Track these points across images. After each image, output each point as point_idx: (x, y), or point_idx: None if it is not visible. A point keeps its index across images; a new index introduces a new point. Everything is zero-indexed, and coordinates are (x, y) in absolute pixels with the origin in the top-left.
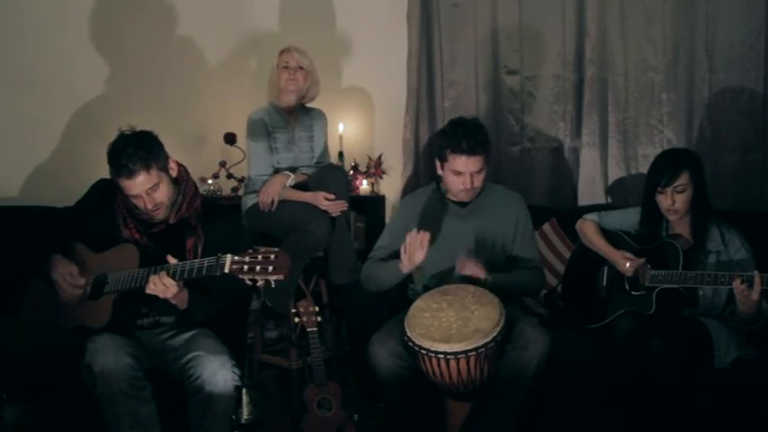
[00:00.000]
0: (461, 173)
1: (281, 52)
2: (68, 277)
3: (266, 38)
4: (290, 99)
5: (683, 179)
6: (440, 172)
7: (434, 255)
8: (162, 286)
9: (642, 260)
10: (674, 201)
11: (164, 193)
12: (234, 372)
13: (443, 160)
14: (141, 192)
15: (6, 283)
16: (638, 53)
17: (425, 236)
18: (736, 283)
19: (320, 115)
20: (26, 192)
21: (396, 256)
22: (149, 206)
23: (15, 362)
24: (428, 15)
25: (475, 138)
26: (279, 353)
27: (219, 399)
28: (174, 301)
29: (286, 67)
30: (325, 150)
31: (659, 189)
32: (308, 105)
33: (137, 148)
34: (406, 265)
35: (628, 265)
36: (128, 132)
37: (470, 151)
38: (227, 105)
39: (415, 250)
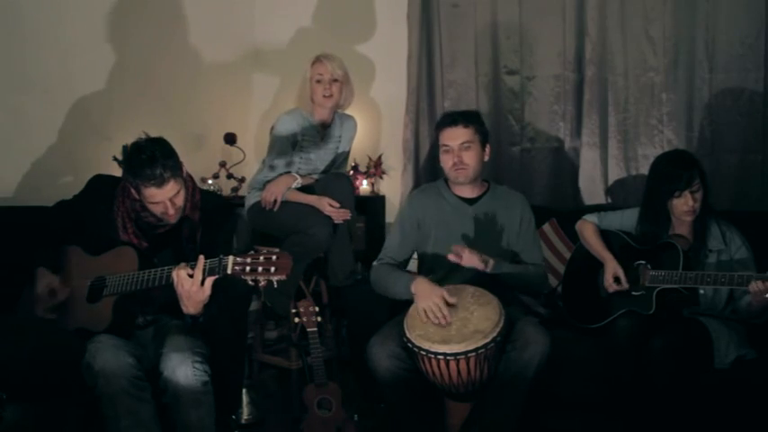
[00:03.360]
0: (449, 147)
1: (313, 63)
2: (47, 296)
3: (266, 38)
4: (324, 113)
5: (697, 180)
6: (441, 163)
7: (439, 252)
8: (189, 282)
9: (626, 286)
10: (694, 200)
11: (182, 198)
12: (195, 368)
13: (437, 143)
14: (165, 199)
15: (4, 284)
16: (638, 53)
17: (443, 318)
18: (756, 284)
19: (351, 124)
20: (25, 192)
21: (407, 255)
22: (171, 212)
23: (16, 362)
24: (428, 15)
25: (460, 113)
26: (279, 353)
27: (185, 395)
28: (190, 303)
29: (320, 81)
30: (346, 159)
31: (676, 194)
32: (341, 112)
33: (166, 158)
34: (421, 304)
35: (610, 286)
36: (146, 139)
37: (453, 122)
38: (227, 105)
39: (431, 314)
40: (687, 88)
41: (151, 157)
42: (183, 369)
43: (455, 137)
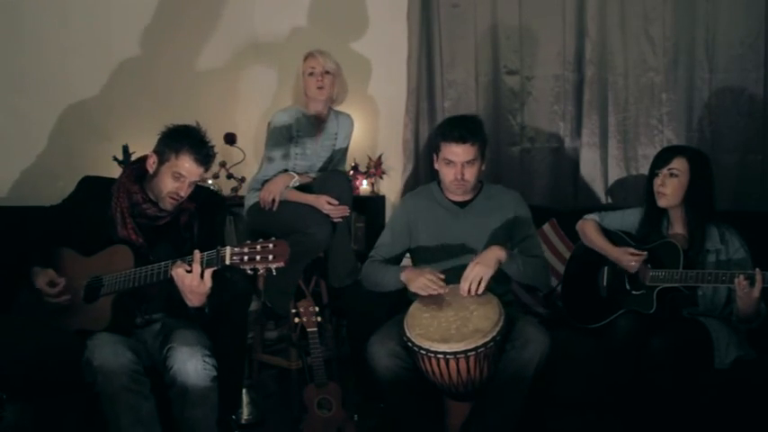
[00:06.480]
0: (452, 162)
1: (306, 58)
2: (49, 288)
3: (266, 38)
4: (318, 107)
5: (679, 164)
6: (436, 166)
7: (433, 255)
8: (189, 278)
9: (645, 253)
10: (663, 182)
11: (191, 189)
12: (205, 361)
13: (437, 151)
14: (190, 180)
15: (2, 284)
16: (638, 53)
17: (440, 287)
18: (739, 280)
19: (348, 121)
20: (24, 192)
21: (398, 256)
22: (182, 194)
23: (15, 362)
24: (428, 15)
25: (466, 127)
26: (279, 353)
27: (194, 390)
28: (193, 296)
29: (312, 74)
30: (343, 156)
31: (656, 172)
32: (337, 109)
33: (213, 151)
34: (413, 287)
35: (633, 262)
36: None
37: (461, 139)
38: (227, 105)
39: (428, 288)
40: (687, 88)
41: (208, 141)
42: (194, 363)
43: (461, 154)
